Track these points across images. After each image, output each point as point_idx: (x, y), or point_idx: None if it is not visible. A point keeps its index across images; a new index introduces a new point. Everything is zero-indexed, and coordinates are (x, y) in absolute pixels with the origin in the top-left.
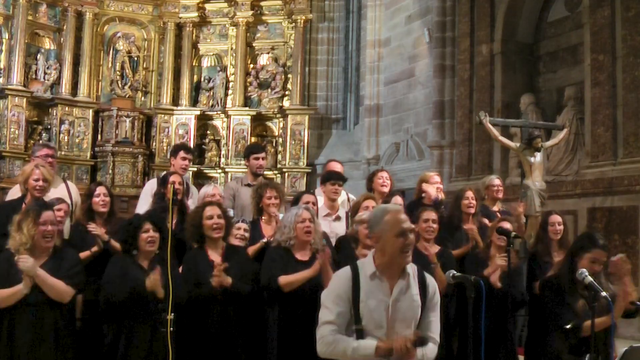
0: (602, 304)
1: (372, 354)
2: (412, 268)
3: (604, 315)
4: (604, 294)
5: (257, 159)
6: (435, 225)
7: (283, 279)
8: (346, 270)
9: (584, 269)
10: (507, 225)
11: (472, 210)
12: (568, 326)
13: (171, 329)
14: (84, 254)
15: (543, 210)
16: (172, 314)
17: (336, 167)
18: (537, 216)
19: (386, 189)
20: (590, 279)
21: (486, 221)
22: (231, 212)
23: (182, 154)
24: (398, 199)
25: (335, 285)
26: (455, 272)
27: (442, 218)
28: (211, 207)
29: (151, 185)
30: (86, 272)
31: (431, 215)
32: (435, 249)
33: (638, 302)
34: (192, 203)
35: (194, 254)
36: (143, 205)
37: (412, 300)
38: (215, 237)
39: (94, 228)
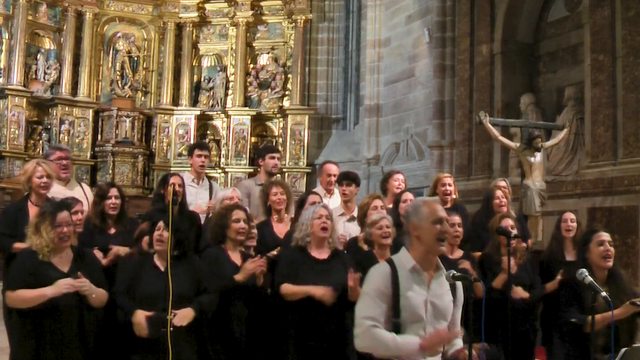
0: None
1: (415, 350)
2: (442, 266)
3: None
4: (603, 294)
5: (273, 158)
6: (460, 229)
7: (285, 288)
8: (384, 266)
9: (584, 270)
10: (508, 222)
11: (505, 209)
12: (573, 319)
13: (171, 329)
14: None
15: (543, 210)
16: (172, 314)
17: (332, 169)
18: (537, 216)
19: (400, 191)
20: (590, 279)
21: None
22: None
23: (196, 151)
24: (409, 195)
25: (375, 280)
26: (454, 271)
27: (466, 219)
28: (238, 211)
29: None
30: None
31: (456, 219)
32: (459, 253)
33: (638, 302)
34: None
35: (215, 254)
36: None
37: (447, 295)
38: (238, 240)
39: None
